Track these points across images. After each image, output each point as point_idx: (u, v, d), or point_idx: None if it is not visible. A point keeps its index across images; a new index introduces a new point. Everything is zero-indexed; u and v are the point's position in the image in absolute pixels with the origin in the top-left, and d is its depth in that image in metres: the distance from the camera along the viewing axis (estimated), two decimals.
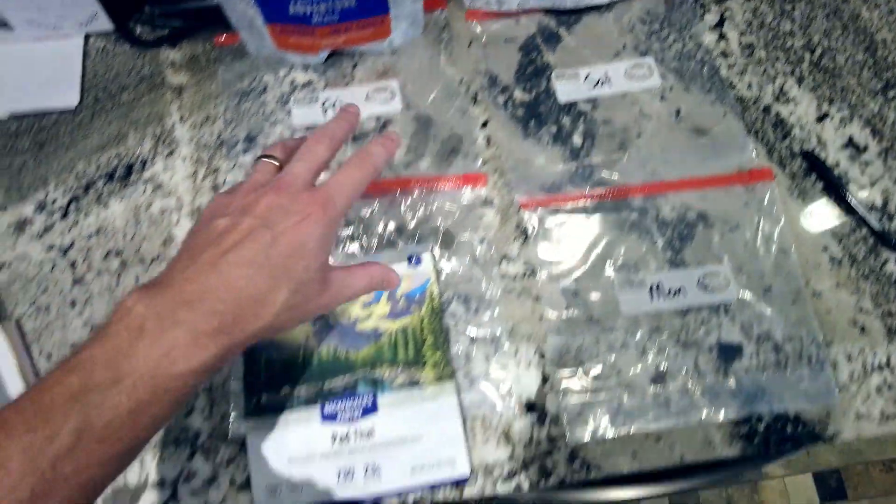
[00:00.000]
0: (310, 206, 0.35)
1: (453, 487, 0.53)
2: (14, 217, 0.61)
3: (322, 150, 0.39)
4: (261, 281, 0.32)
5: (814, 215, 0.60)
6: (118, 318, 0.30)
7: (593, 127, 0.63)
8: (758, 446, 0.54)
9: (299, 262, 0.34)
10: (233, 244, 0.33)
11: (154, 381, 0.29)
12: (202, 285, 0.31)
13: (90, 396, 0.28)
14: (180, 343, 0.30)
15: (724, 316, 0.57)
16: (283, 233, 0.34)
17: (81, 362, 0.29)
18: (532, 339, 0.56)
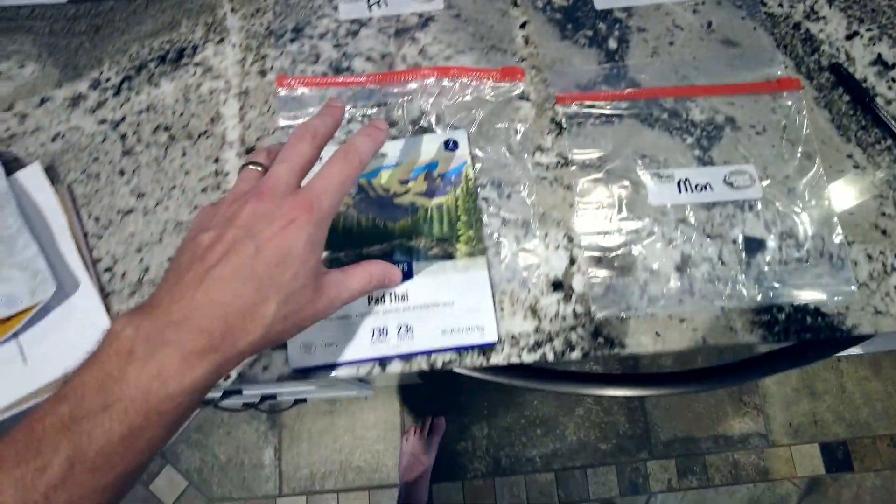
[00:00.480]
0: (294, 209, 0.33)
1: (480, 354, 0.53)
2: (69, 93, 0.63)
3: (305, 149, 0.37)
4: (247, 294, 0.31)
5: (839, 125, 0.61)
6: (107, 344, 0.29)
7: (628, 34, 0.63)
8: (777, 334, 0.54)
9: (287, 271, 0.32)
10: (217, 259, 0.32)
11: (146, 404, 0.28)
12: (188, 304, 0.30)
13: (81, 424, 0.26)
14: (170, 364, 0.28)
15: (749, 212, 0.57)
16: (267, 241, 0.32)
17: (72, 390, 0.28)
18: (561, 224, 0.57)
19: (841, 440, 1.33)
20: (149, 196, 0.57)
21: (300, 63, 0.61)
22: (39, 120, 0.60)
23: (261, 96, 0.60)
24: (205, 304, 0.30)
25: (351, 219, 0.54)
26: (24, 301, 0.50)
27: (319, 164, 0.40)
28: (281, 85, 0.59)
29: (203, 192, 0.57)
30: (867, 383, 1.35)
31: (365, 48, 0.62)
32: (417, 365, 0.52)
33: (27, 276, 0.51)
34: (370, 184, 0.55)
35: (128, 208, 0.57)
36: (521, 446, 1.32)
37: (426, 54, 0.61)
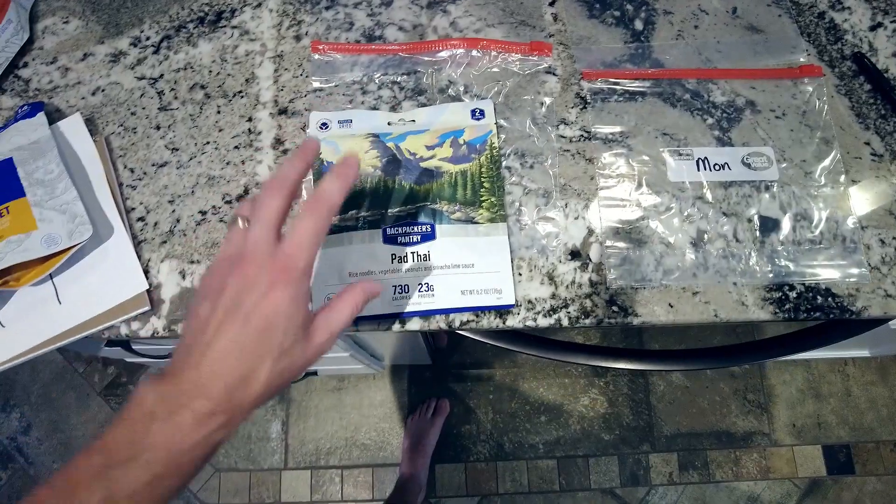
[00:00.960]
0: (272, 273, 0.36)
1: (497, 316, 0.55)
2: (110, 49, 0.64)
3: (277, 203, 0.38)
4: (244, 362, 0.35)
5: (859, 113, 0.62)
6: (134, 406, 0.34)
7: (654, 16, 0.64)
8: (787, 311, 0.55)
9: (276, 333, 0.35)
10: (213, 333, 0.35)
11: (167, 455, 0.32)
12: (196, 376, 0.34)
13: (113, 472, 0.31)
14: (185, 424, 0.33)
15: (765, 192, 0.59)
16: (253, 309, 0.35)
17: (104, 445, 0.32)
18: (582, 195, 0.58)
19: (844, 443, 1.33)
20: (183, 151, 0.59)
21: (334, 30, 0.63)
22: (81, 74, 0.63)
23: (295, 60, 0.62)
24: (208, 375, 0.35)
25: (378, 180, 0.56)
26: (63, 242, 0.52)
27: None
28: (315, 50, 0.61)
29: (236, 148, 0.59)
30: (873, 388, 1.36)
31: (397, 18, 0.64)
32: (436, 323, 0.54)
33: (66, 219, 0.53)
34: (398, 147, 0.57)
35: (162, 161, 0.59)
36: (524, 432, 1.33)
37: (457, 26, 0.63)
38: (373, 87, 0.61)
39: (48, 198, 0.54)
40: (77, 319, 0.54)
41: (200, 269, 0.55)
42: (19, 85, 0.63)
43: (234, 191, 0.58)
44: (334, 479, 1.33)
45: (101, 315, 0.54)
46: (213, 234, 0.56)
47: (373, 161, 0.57)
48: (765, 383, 1.37)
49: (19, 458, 1.35)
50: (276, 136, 0.59)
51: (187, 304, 0.42)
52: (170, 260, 0.56)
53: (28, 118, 0.58)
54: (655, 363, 0.66)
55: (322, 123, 0.59)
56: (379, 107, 0.60)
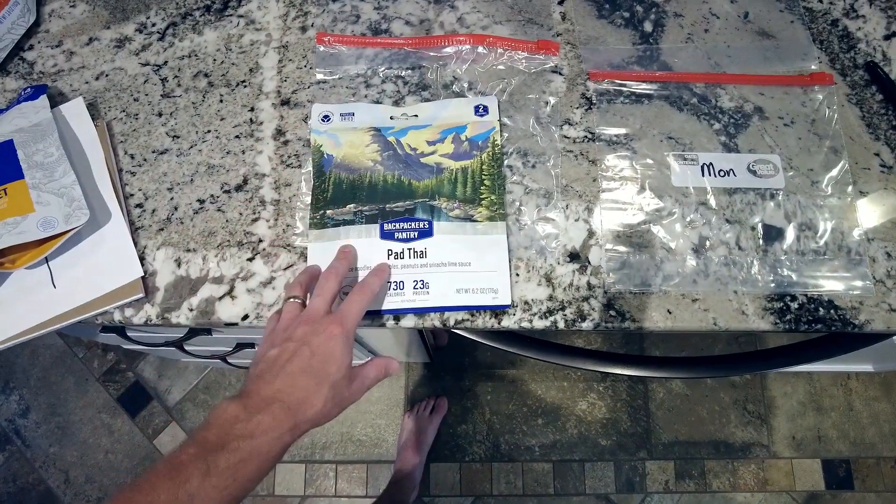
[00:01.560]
0: (331, 326, 0.46)
1: (492, 316, 0.54)
2: (116, 34, 0.64)
3: (332, 286, 0.49)
4: (310, 383, 0.44)
5: (869, 123, 0.61)
6: (218, 415, 0.42)
7: (664, 18, 0.63)
8: (788, 322, 0.54)
9: (332, 366, 0.45)
10: (286, 361, 0.45)
11: (250, 445, 0.40)
12: (272, 390, 0.43)
13: (209, 455, 0.39)
14: (264, 423, 0.41)
15: (770, 201, 0.57)
16: (317, 347, 0.45)
17: (197, 440, 0.40)
18: (583, 197, 0.58)
19: (844, 458, 1.32)
20: (183, 138, 0.59)
21: (340, 22, 0.63)
22: (85, 58, 0.62)
23: (299, 51, 0.62)
24: (283, 389, 0.44)
25: (378, 174, 0.56)
26: (59, 225, 0.52)
27: None
28: (321, 41, 0.61)
29: (237, 138, 0.59)
30: (876, 403, 1.34)
31: (404, 12, 0.63)
32: (430, 321, 0.53)
33: (63, 203, 0.53)
34: (399, 142, 0.57)
35: (163, 148, 0.59)
36: (521, 434, 1.33)
37: (464, 22, 0.63)
38: (376, 80, 0.60)
39: (47, 181, 0.53)
40: (71, 304, 0.54)
41: (196, 259, 0.55)
42: (24, 67, 0.63)
43: (234, 180, 0.57)
44: (328, 474, 1.33)
45: (95, 300, 0.54)
46: (211, 224, 0.56)
47: (373, 155, 0.56)
48: (765, 394, 1.35)
49: (17, 440, 1.36)
50: (277, 126, 0.59)
51: (255, 354, 0.49)
52: (166, 248, 0.55)
53: (30, 100, 0.58)
54: (653, 370, 0.65)
55: (324, 116, 0.59)
56: (382, 101, 0.60)
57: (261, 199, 0.57)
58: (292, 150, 0.58)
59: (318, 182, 0.56)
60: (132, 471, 1.35)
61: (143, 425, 1.38)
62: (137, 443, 1.37)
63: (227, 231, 0.56)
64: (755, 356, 0.67)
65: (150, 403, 1.39)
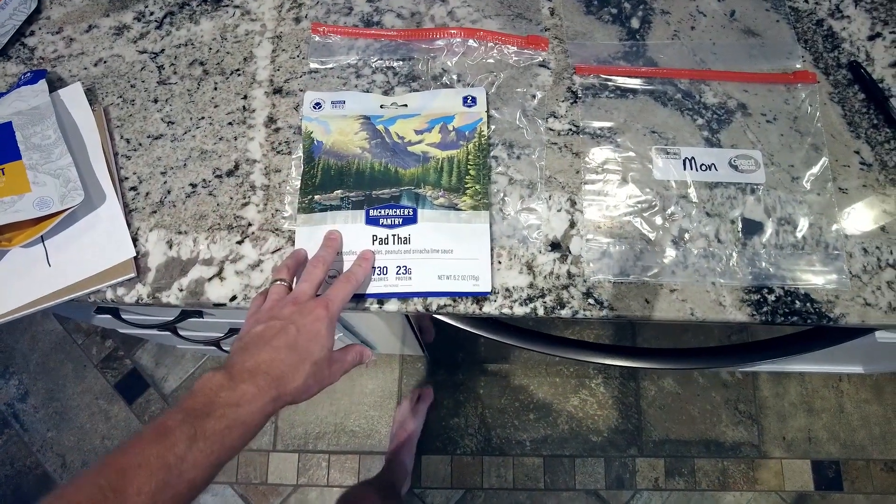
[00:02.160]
0: (317, 308, 0.48)
1: (474, 302, 0.55)
2: (115, 22, 0.65)
3: (319, 272, 0.51)
4: (294, 357, 0.46)
5: (851, 122, 0.62)
6: (203, 384, 0.43)
7: (651, 15, 0.64)
8: (765, 314, 0.55)
9: (316, 345, 0.47)
10: (272, 336, 0.46)
11: (235, 412, 0.42)
12: (257, 360, 0.45)
13: (195, 421, 0.40)
14: (248, 392, 0.43)
15: (751, 195, 0.58)
16: (303, 326, 0.47)
17: (183, 407, 0.41)
18: (566, 188, 0.59)
19: (834, 459, 1.32)
20: (178, 124, 0.61)
21: (333, 13, 0.64)
22: (85, 45, 0.64)
23: (293, 41, 0.63)
24: (268, 361, 0.45)
25: (365, 161, 0.57)
26: (55, 205, 0.53)
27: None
28: (315, 31, 0.62)
29: (229, 125, 0.60)
30: (867, 406, 1.35)
31: (396, 5, 0.64)
32: (413, 306, 0.55)
33: (59, 183, 0.54)
34: (387, 130, 0.58)
35: (157, 134, 0.60)
36: (512, 429, 1.34)
37: (454, 16, 0.64)
38: (367, 71, 0.62)
39: (43, 162, 0.55)
40: (65, 282, 0.55)
41: (188, 241, 0.56)
42: (24, 52, 0.64)
43: (225, 165, 0.59)
44: (321, 464, 1.35)
45: (88, 279, 0.55)
46: (202, 207, 0.58)
47: (361, 143, 0.58)
48: (757, 394, 1.36)
49: (15, 423, 1.38)
50: (269, 114, 0.61)
51: (240, 330, 0.50)
52: (158, 230, 0.57)
53: (30, 84, 0.59)
54: (642, 360, 0.66)
55: (315, 103, 0.60)
56: (372, 90, 0.61)
57: (251, 185, 0.58)
58: (283, 138, 0.60)
59: (308, 168, 0.57)
60: None
61: (139, 412, 1.39)
62: (134, 429, 1.38)
63: (218, 214, 0.57)
64: (740, 348, 0.68)
65: (147, 391, 1.41)
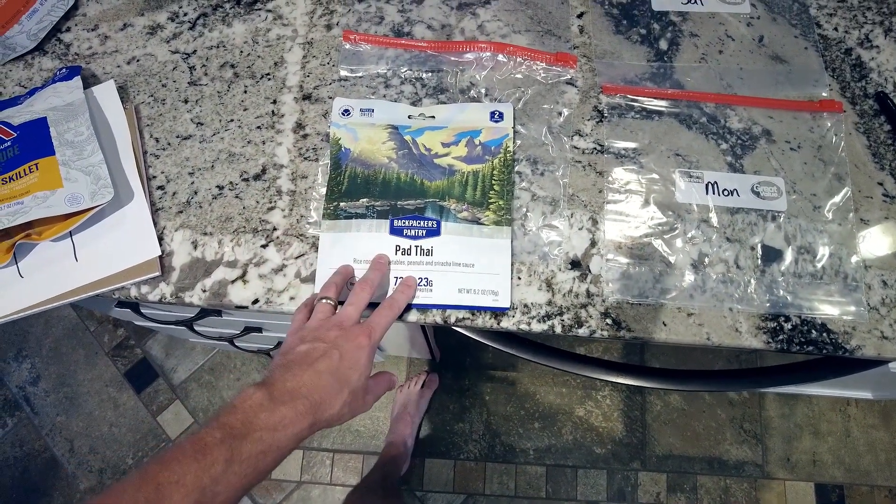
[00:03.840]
0: (360, 335, 0.49)
1: (492, 316, 0.56)
2: (149, 21, 0.66)
3: (365, 296, 0.52)
4: (334, 383, 0.46)
5: (875, 153, 0.62)
6: (243, 400, 0.43)
7: (679, 37, 0.65)
8: (781, 342, 0.56)
9: (355, 374, 0.48)
10: (315, 359, 0.47)
11: (271, 436, 0.42)
12: (298, 383, 0.45)
13: (233, 442, 0.40)
14: (287, 416, 0.43)
15: (771, 222, 0.59)
16: (346, 353, 0.48)
17: (221, 424, 0.41)
18: (588, 207, 0.59)
19: (838, 483, 1.32)
20: (207, 126, 0.62)
21: (364, 22, 0.65)
22: (119, 43, 0.65)
23: (323, 48, 0.64)
24: (309, 384, 0.45)
25: (392, 171, 0.58)
26: (85, 202, 0.54)
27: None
28: (346, 39, 0.63)
29: (258, 128, 0.61)
30: (874, 431, 1.34)
31: (427, 16, 0.65)
32: (432, 317, 0.55)
33: (90, 180, 0.55)
34: (415, 141, 0.59)
35: (186, 134, 0.61)
36: (516, 436, 1.34)
37: (484, 30, 0.64)
38: (396, 81, 0.62)
39: (76, 158, 0.56)
40: (91, 277, 0.56)
41: (212, 242, 0.57)
42: (60, 48, 0.65)
43: (252, 169, 0.60)
44: (325, 462, 1.36)
45: (113, 275, 0.56)
46: (228, 209, 0.58)
47: (389, 153, 0.58)
48: (763, 414, 1.36)
49: (26, 406, 1.40)
50: (297, 120, 0.61)
51: (281, 347, 0.51)
52: (184, 230, 0.58)
53: (65, 81, 0.60)
54: (647, 380, 0.67)
55: (344, 110, 0.61)
56: (400, 101, 0.62)
57: (277, 189, 0.59)
58: (310, 144, 0.60)
59: (335, 174, 0.58)
60: (134, 445, 1.38)
61: (147, 401, 1.41)
62: (141, 418, 1.40)
63: (244, 217, 0.58)
64: (749, 373, 0.68)
65: (156, 381, 1.42)
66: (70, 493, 1.35)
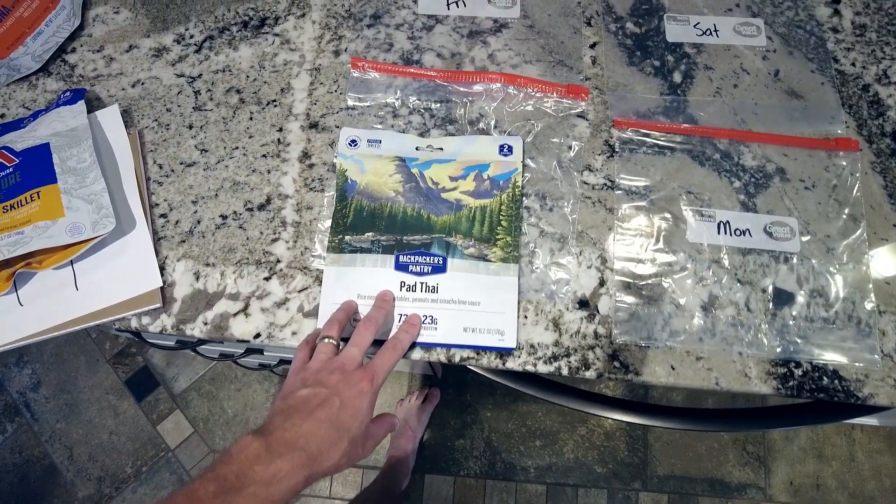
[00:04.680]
0: (362, 381, 0.48)
1: (497, 356, 0.55)
2: (155, 43, 0.65)
3: (369, 336, 0.51)
4: (332, 434, 0.45)
5: (892, 193, 0.60)
6: (240, 450, 0.42)
7: (694, 70, 0.64)
8: (791, 388, 0.55)
9: (355, 422, 0.47)
10: (315, 406, 0.46)
11: (266, 490, 0.41)
12: (296, 433, 0.44)
13: (227, 496, 0.40)
14: (283, 469, 0.42)
15: (784, 264, 0.58)
16: (346, 400, 0.47)
17: (216, 476, 0.41)
18: (597, 244, 0.58)
19: None
20: (212, 153, 0.61)
21: (373, 49, 0.64)
22: (124, 65, 0.64)
23: (331, 75, 0.63)
24: (307, 435, 0.44)
25: (398, 205, 0.57)
26: (86, 232, 0.54)
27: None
28: (355, 66, 0.62)
29: (263, 157, 0.60)
30: (879, 456, 1.33)
31: (437, 44, 0.64)
32: (437, 355, 0.54)
33: (92, 209, 0.54)
34: (422, 175, 0.58)
35: (190, 161, 0.61)
36: (517, 454, 1.34)
37: (494, 59, 0.63)
38: (405, 111, 0.61)
39: (78, 186, 0.55)
40: (91, 307, 0.56)
41: (215, 273, 0.57)
42: (65, 70, 0.65)
43: (257, 199, 0.59)
44: None
45: (114, 306, 0.55)
46: (231, 240, 0.58)
47: (395, 186, 0.57)
48: (766, 436, 1.35)
49: (26, 412, 1.40)
50: (304, 149, 0.60)
51: (282, 388, 0.50)
52: (186, 260, 0.57)
53: (69, 105, 0.60)
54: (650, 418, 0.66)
55: (351, 140, 0.60)
56: (408, 131, 0.61)
57: (282, 220, 0.58)
58: (316, 174, 0.59)
59: (340, 206, 0.57)
60: (134, 454, 1.38)
61: (147, 410, 1.40)
62: (141, 427, 1.40)
63: (247, 249, 0.57)
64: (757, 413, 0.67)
65: (157, 389, 1.42)
66: (68, 502, 1.35)
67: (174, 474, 1.37)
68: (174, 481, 1.35)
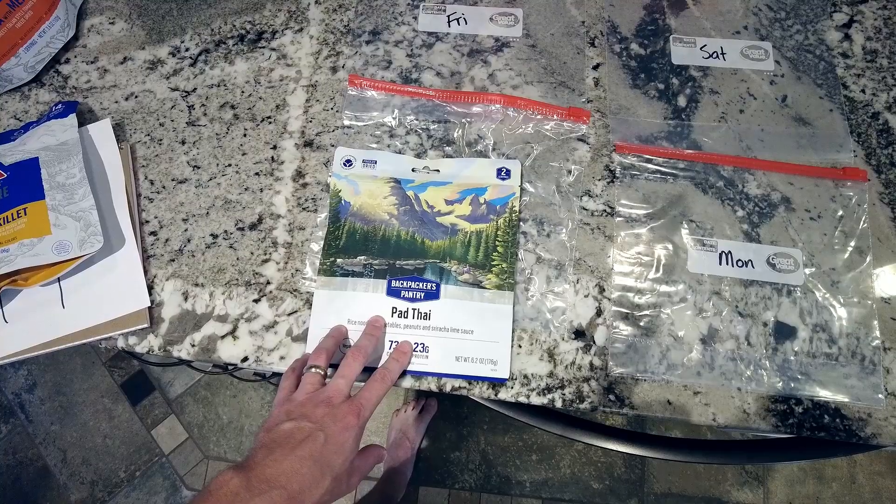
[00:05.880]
0: (348, 415, 0.47)
1: (490, 386, 0.53)
2: (150, 56, 0.64)
3: (357, 366, 0.50)
4: (315, 470, 0.44)
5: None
6: (219, 486, 0.41)
7: (699, 93, 0.62)
8: (790, 426, 0.53)
9: (340, 458, 0.46)
10: (299, 442, 0.45)
11: None
12: (277, 470, 0.43)
13: None
14: None
15: (786, 297, 0.56)
16: (331, 435, 0.46)
17: None
18: (595, 273, 0.57)
19: None
20: (204, 169, 0.60)
21: (371, 66, 0.63)
22: (118, 77, 0.63)
23: (328, 92, 0.62)
24: (289, 471, 0.43)
25: (392, 229, 0.55)
26: (73, 250, 0.53)
27: None
28: (352, 84, 0.61)
29: (256, 175, 0.59)
30: (880, 479, 1.31)
31: (436, 63, 0.63)
32: (427, 384, 0.53)
33: (80, 227, 0.53)
34: (417, 197, 0.56)
35: (182, 178, 0.59)
36: (513, 468, 1.32)
37: (495, 79, 0.62)
38: (401, 131, 0.60)
39: (66, 203, 0.54)
40: (77, 326, 0.55)
41: (204, 294, 0.55)
42: (58, 81, 0.64)
43: (249, 218, 0.58)
44: None
45: (101, 325, 0.54)
46: (221, 260, 0.56)
47: (390, 208, 0.56)
48: None
49: (20, 414, 1.39)
50: (297, 168, 0.59)
51: (266, 420, 0.48)
52: (175, 279, 0.56)
53: (60, 118, 0.59)
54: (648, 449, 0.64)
55: (346, 160, 0.59)
56: (405, 152, 0.59)
57: (273, 241, 0.57)
58: (310, 194, 0.58)
59: (333, 228, 0.56)
60: (127, 458, 1.37)
61: (142, 414, 1.40)
62: (136, 431, 1.39)
63: (237, 269, 0.56)
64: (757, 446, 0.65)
65: (152, 394, 1.41)
66: None
67: (167, 479, 1.36)
68: (167, 487, 1.35)
